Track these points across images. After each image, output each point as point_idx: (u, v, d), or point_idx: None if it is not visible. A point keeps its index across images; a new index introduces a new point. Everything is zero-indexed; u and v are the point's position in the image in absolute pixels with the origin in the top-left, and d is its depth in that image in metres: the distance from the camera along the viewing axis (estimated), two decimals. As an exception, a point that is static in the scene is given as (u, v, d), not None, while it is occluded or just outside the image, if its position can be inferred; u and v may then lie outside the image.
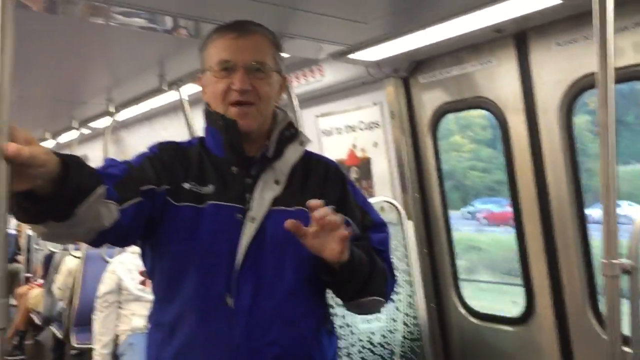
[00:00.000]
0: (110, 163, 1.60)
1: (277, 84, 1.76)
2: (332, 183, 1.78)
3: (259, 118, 1.69)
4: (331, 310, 3.11)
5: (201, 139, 1.80)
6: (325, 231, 1.50)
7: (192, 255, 1.62)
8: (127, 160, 1.67)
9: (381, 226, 1.85)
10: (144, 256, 1.77)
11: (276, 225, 1.61)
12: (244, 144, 1.70)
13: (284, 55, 3.15)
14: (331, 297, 1.84)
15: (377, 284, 1.70)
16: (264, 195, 1.66)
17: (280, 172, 1.71)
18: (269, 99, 1.71)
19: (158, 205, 1.62)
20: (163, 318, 1.68)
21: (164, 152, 1.73)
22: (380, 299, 1.74)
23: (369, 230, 1.80)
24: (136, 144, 6.02)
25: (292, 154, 1.75)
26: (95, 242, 1.53)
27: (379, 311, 1.87)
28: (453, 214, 3.41)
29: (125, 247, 4.34)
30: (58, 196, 1.28)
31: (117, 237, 1.55)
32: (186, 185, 1.66)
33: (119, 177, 1.52)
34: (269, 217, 1.64)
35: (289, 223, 1.48)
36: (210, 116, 1.73)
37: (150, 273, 1.77)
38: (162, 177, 1.64)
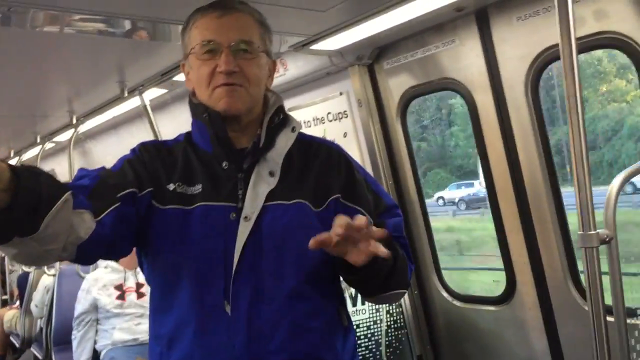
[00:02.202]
0: (81, 174, 1.51)
1: (267, 66, 1.62)
2: (336, 169, 1.64)
3: (247, 100, 1.56)
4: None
5: (188, 135, 1.68)
6: (348, 242, 1.37)
7: (184, 262, 1.52)
8: (103, 166, 1.58)
9: (394, 208, 1.72)
10: (141, 266, 1.68)
11: (273, 222, 1.51)
12: (234, 134, 1.59)
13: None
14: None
15: (400, 276, 1.58)
16: (257, 190, 1.53)
17: (274, 162, 1.58)
18: (258, 81, 1.57)
19: (143, 210, 1.52)
20: (160, 330, 1.59)
21: (145, 152, 1.62)
22: (403, 290, 1.64)
23: (384, 216, 1.66)
24: (104, 153, 5.92)
25: (283, 142, 1.61)
26: (80, 259, 1.44)
27: (399, 300, 1.79)
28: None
29: (99, 263, 4.26)
30: (14, 206, 1.19)
31: (102, 249, 1.46)
32: (170, 186, 1.55)
33: (90, 186, 1.43)
34: (264, 214, 1.52)
35: (312, 243, 1.32)
36: (195, 108, 1.61)
37: (147, 283, 1.67)
38: (144, 179, 1.54)
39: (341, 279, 1.63)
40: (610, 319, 1.66)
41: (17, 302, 6.96)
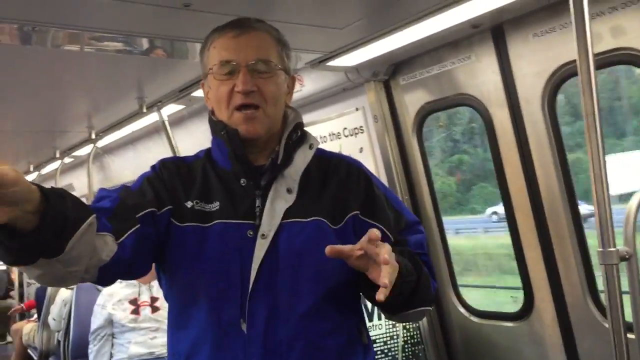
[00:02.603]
0: (101, 195, 1.51)
1: (285, 84, 1.62)
2: (356, 185, 1.62)
3: (266, 122, 1.55)
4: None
5: (208, 151, 1.68)
6: (371, 258, 1.35)
7: (201, 279, 1.51)
8: (124, 185, 1.59)
9: (416, 225, 1.69)
10: (160, 282, 1.68)
11: (290, 239, 1.50)
12: (253, 151, 1.59)
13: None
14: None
15: (424, 294, 1.55)
16: (275, 208, 1.53)
17: (292, 179, 1.57)
18: (276, 100, 1.57)
19: (162, 228, 1.53)
20: (177, 347, 1.59)
21: (165, 170, 1.62)
22: (427, 308, 1.60)
23: (405, 233, 1.65)
24: (121, 168, 5.98)
25: (301, 159, 1.61)
26: (101, 280, 1.44)
27: (423, 318, 1.74)
28: None
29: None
30: (42, 227, 1.21)
31: (122, 270, 1.47)
32: (189, 204, 1.55)
33: (110, 208, 1.44)
34: (281, 231, 1.51)
35: (329, 251, 1.33)
36: (214, 126, 1.61)
37: (165, 299, 1.67)
38: (163, 197, 1.55)
39: (362, 295, 1.62)
40: (630, 336, 1.65)
41: (35, 315, 7.02)
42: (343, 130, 3.64)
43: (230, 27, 1.58)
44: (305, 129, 1.68)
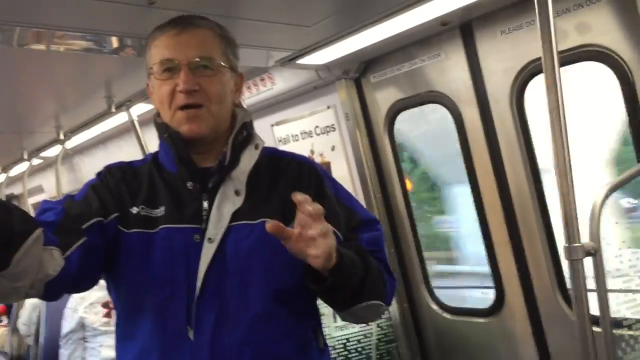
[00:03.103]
0: (45, 207, 1.46)
1: (231, 82, 1.57)
2: (306, 184, 1.57)
3: (210, 121, 1.51)
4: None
5: (154, 155, 1.63)
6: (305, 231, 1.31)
7: (147, 287, 1.47)
8: (68, 195, 1.55)
9: (372, 223, 1.65)
10: (109, 290, 1.62)
11: (237, 243, 1.46)
12: (200, 153, 1.55)
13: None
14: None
15: (374, 287, 1.50)
16: (222, 210, 1.48)
17: (239, 181, 1.53)
18: (221, 98, 1.52)
19: (110, 236, 1.48)
20: (125, 357, 1.54)
21: (110, 176, 1.57)
22: (379, 302, 1.53)
23: (358, 230, 1.60)
24: (92, 169, 5.85)
25: (247, 160, 1.56)
26: (47, 295, 1.39)
27: (379, 317, 1.68)
28: None
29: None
30: None
31: (69, 284, 1.42)
32: (134, 210, 1.51)
33: (55, 222, 1.40)
34: (228, 235, 1.47)
35: (270, 226, 1.28)
36: (158, 128, 1.57)
37: (114, 308, 1.63)
38: (109, 205, 1.50)
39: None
40: (596, 329, 1.66)
41: (5, 321, 6.88)
42: (315, 128, 3.63)
43: (172, 24, 1.53)
44: (276, 127, 1.66)
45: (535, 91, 2.61)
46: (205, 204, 1.51)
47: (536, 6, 1.77)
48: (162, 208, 1.51)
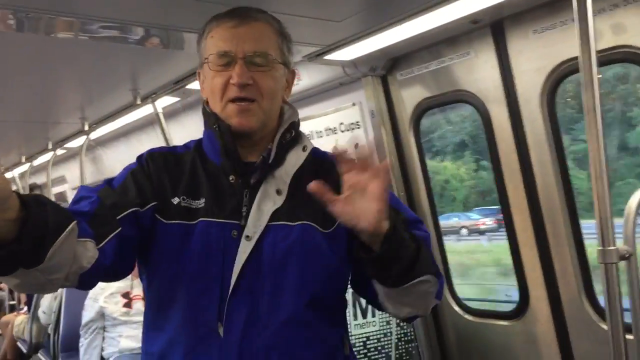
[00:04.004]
0: (81, 195, 1.45)
1: (283, 78, 1.56)
2: None
3: (260, 116, 1.49)
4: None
5: (198, 142, 1.61)
6: (358, 194, 1.27)
7: (180, 279, 1.45)
8: (105, 180, 1.52)
9: (417, 223, 1.57)
10: (141, 278, 1.61)
11: (275, 243, 1.44)
12: (245, 147, 1.53)
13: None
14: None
15: (428, 261, 1.41)
16: (262, 208, 1.46)
17: (282, 180, 1.51)
18: (273, 94, 1.51)
19: (146, 225, 1.46)
20: (151, 347, 1.52)
21: (151, 162, 1.55)
22: (434, 278, 1.43)
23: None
24: (114, 161, 5.93)
25: (293, 161, 1.54)
26: (81, 285, 1.38)
27: (427, 310, 1.52)
28: None
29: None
30: (22, 237, 1.15)
31: (103, 275, 1.41)
32: (175, 200, 1.48)
33: (90, 212, 1.38)
34: (266, 234, 1.45)
35: (312, 185, 1.26)
36: (207, 117, 1.55)
37: (145, 296, 1.61)
38: (147, 193, 1.48)
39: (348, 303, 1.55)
40: (629, 337, 1.63)
41: (25, 308, 6.97)
42: (339, 125, 3.61)
43: (229, 16, 1.52)
44: (301, 123, 1.62)
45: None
46: (245, 200, 1.49)
47: (574, 5, 1.73)
48: (202, 200, 1.49)
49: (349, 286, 1.63)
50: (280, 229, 1.46)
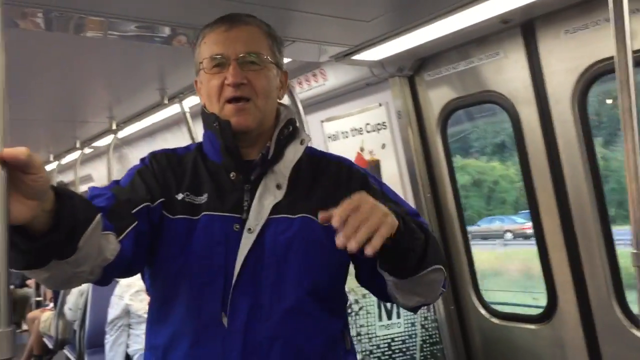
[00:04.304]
0: (94, 193, 1.48)
1: (277, 78, 1.62)
2: (347, 184, 1.58)
3: (257, 115, 1.55)
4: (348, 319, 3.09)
5: (199, 145, 1.68)
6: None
7: (184, 272, 1.49)
8: (114, 181, 1.57)
9: (417, 216, 1.58)
10: (142, 275, 1.64)
11: (276, 236, 1.49)
12: (244, 146, 1.58)
13: (285, 59, 3.14)
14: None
15: (437, 250, 1.47)
16: (263, 202, 1.52)
17: (281, 174, 1.57)
18: (267, 93, 1.57)
19: (156, 220, 1.51)
20: (156, 340, 1.56)
21: (155, 162, 1.60)
22: (443, 268, 1.48)
23: None
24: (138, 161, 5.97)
25: (291, 154, 1.60)
26: (103, 280, 1.42)
27: (437, 296, 1.55)
28: None
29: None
30: (58, 228, 1.18)
31: (122, 269, 1.45)
32: (179, 196, 1.54)
33: (108, 207, 1.41)
34: (268, 227, 1.50)
35: (321, 216, 1.26)
36: (206, 118, 1.60)
37: (147, 293, 1.65)
38: (155, 190, 1.53)
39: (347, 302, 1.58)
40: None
41: (52, 304, 7.06)
42: (365, 125, 3.60)
43: (221, 22, 1.59)
44: (327, 124, 1.65)
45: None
46: (247, 196, 1.54)
47: (610, 4, 1.70)
48: (205, 195, 1.54)
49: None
50: (281, 221, 1.51)
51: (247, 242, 1.47)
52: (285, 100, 3.19)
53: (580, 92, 2.56)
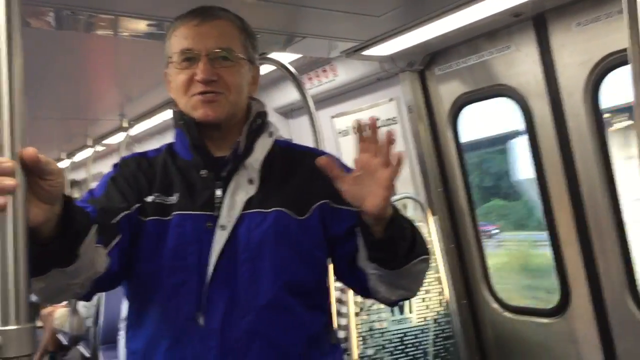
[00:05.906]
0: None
1: (249, 74, 1.58)
2: (323, 175, 1.46)
3: (226, 107, 1.51)
4: (360, 314, 3.09)
5: (170, 145, 1.65)
6: (367, 175, 1.31)
7: (159, 273, 1.47)
8: (89, 192, 1.55)
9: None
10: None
11: (249, 231, 1.47)
12: (215, 142, 1.56)
13: (295, 55, 3.14)
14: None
15: (423, 241, 1.48)
16: (235, 198, 1.49)
17: (252, 169, 1.54)
18: (239, 88, 1.53)
19: (134, 228, 1.48)
20: (135, 345, 1.54)
21: (126, 167, 1.59)
22: (429, 257, 1.50)
23: None
24: (151, 157, 5.98)
25: (260, 148, 1.57)
26: (87, 295, 1.41)
27: (421, 284, 1.57)
28: None
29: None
30: (65, 233, 1.18)
31: (108, 282, 1.44)
32: (149, 198, 1.51)
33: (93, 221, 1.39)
34: (241, 223, 1.47)
35: (322, 160, 1.32)
36: (175, 116, 1.57)
37: (125, 298, 1.62)
38: (130, 196, 1.50)
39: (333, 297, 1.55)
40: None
41: (66, 301, 7.10)
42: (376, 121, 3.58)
43: (192, 15, 1.54)
44: (337, 119, 1.63)
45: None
46: (219, 192, 1.51)
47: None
48: (175, 195, 1.52)
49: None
50: (255, 216, 1.48)
51: (220, 239, 1.45)
52: (296, 96, 3.19)
53: (593, 85, 2.54)
